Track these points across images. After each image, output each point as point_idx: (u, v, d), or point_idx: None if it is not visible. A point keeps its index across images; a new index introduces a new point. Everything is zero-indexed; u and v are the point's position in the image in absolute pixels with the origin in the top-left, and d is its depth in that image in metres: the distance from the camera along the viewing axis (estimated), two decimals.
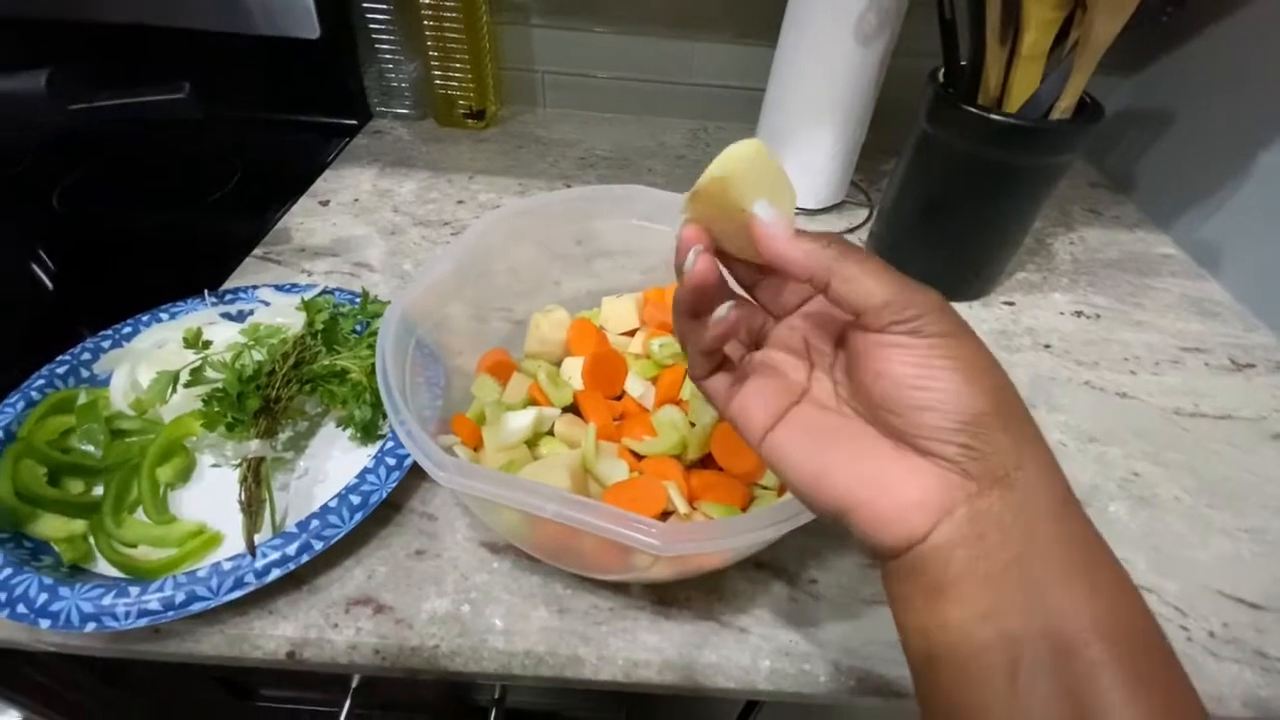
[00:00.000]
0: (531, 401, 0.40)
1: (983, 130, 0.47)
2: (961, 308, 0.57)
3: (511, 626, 0.34)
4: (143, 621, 0.31)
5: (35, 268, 0.49)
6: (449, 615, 0.34)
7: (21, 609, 0.31)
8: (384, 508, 0.37)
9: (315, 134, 0.74)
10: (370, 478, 0.37)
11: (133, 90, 0.40)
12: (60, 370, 0.41)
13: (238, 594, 0.32)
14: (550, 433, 0.39)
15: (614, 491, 0.35)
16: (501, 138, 0.76)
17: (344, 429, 0.41)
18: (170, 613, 0.31)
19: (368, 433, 0.40)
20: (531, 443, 0.39)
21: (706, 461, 0.39)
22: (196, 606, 0.31)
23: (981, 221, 0.53)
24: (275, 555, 0.33)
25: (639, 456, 0.38)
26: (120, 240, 0.58)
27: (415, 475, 0.39)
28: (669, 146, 0.78)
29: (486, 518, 0.36)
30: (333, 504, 0.35)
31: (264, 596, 0.34)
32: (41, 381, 0.40)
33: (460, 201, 0.65)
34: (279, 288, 0.48)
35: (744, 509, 0.36)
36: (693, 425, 0.38)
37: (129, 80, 0.40)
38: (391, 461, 0.38)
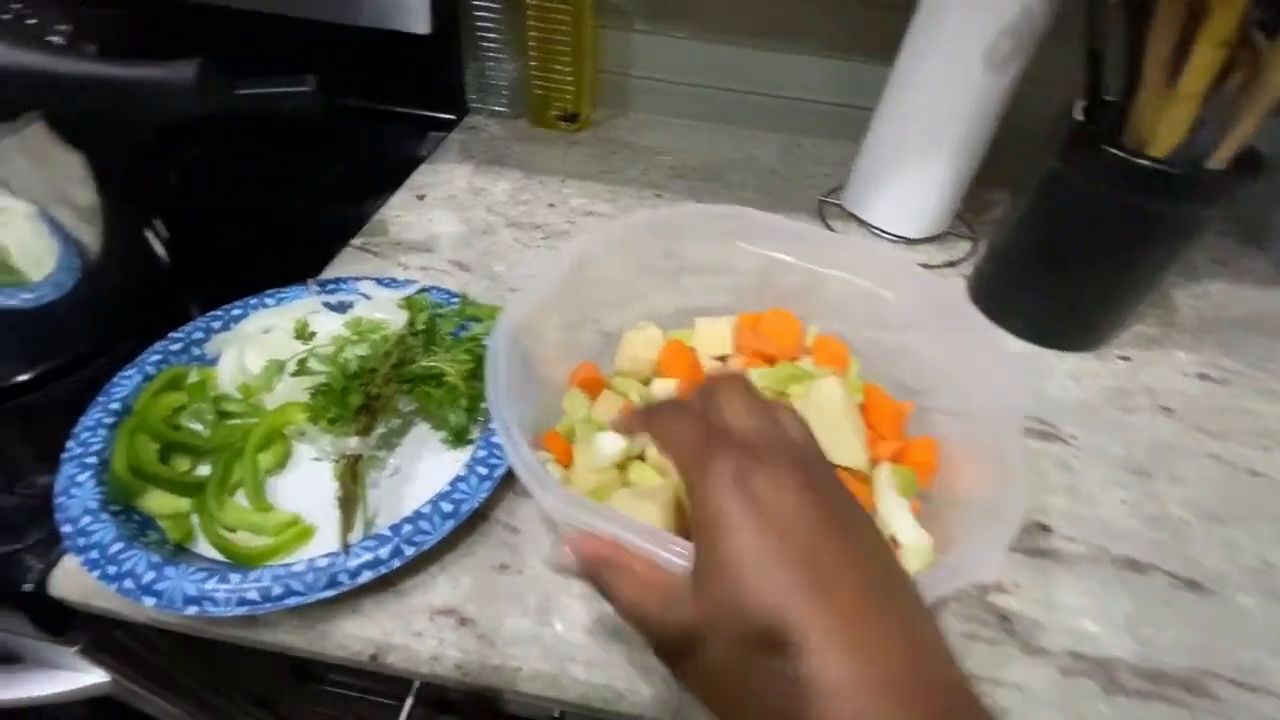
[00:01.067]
0: None
1: (1127, 174, 0.44)
2: (1070, 359, 0.54)
3: (593, 658, 0.33)
4: (240, 610, 0.31)
5: (152, 240, 0.51)
6: (531, 637, 0.33)
7: (129, 584, 0.31)
8: (470, 516, 0.37)
9: (414, 127, 0.75)
10: (462, 486, 0.36)
11: (264, 81, 0.41)
12: (174, 347, 0.43)
13: (330, 593, 0.32)
14: (640, 457, 0.38)
15: None
16: (593, 142, 0.76)
17: (437, 431, 0.41)
18: (267, 604, 0.31)
19: (459, 438, 0.40)
20: (621, 465, 0.38)
21: None
22: (291, 601, 0.32)
23: (1110, 271, 0.49)
24: (368, 556, 0.33)
25: None
26: (227, 220, 0.60)
27: (502, 485, 0.39)
28: (760, 160, 0.76)
29: None
30: (425, 509, 0.35)
31: (352, 594, 0.34)
32: (157, 357, 0.42)
33: (551, 205, 0.65)
34: (379, 281, 0.49)
35: None
36: None
37: (241, 68, 0.40)
38: (483, 471, 0.37)
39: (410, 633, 0.33)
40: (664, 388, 0.42)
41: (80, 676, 0.40)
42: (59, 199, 0.43)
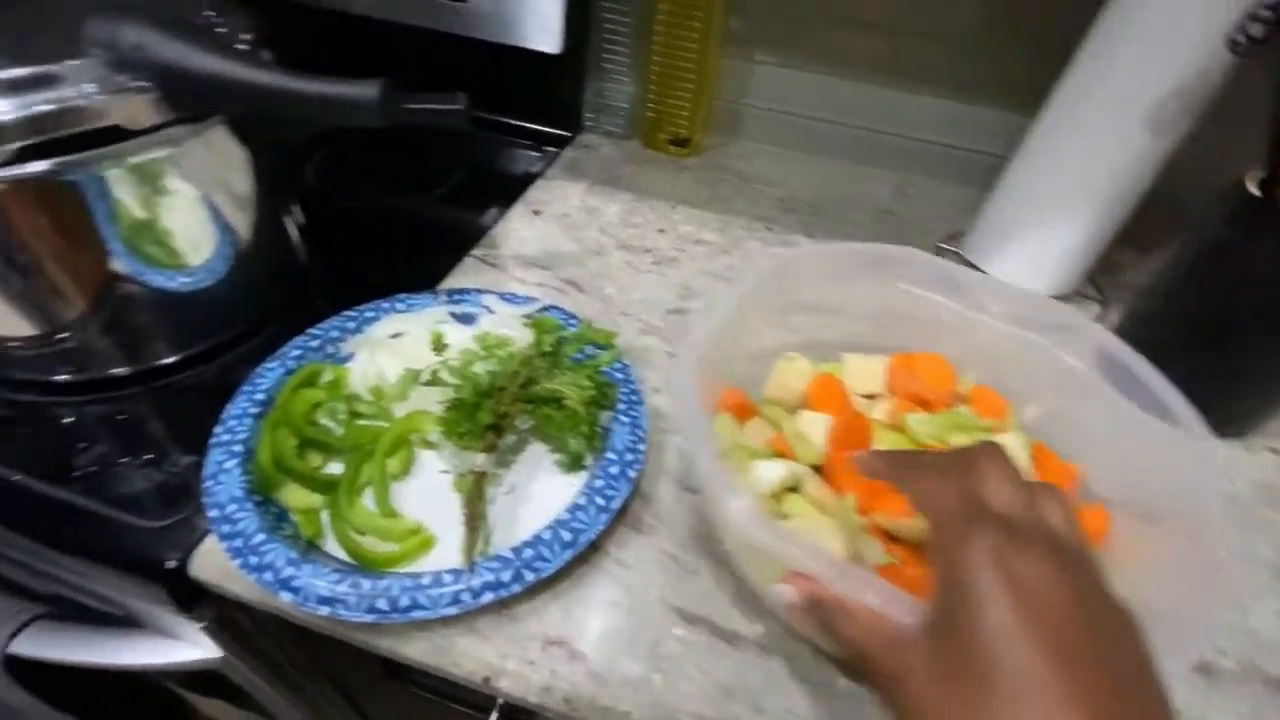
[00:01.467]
0: (776, 453, 0.38)
1: None
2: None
3: (703, 712, 0.32)
4: (369, 617, 0.32)
5: (292, 233, 0.53)
6: (641, 681, 0.33)
7: (269, 577, 0.33)
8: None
9: (530, 141, 0.76)
10: (581, 515, 0.36)
11: (422, 97, 0.43)
12: (312, 344, 0.44)
13: (453, 610, 0.32)
14: (794, 489, 0.37)
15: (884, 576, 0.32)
16: (702, 168, 0.76)
17: (551, 453, 0.41)
18: (394, 614, 0.32)
19: (575, 464, 0.40)
20: (777, 495, 0.37)
21: None
22: (416, 614, 0.32)
23: (1276, 354, 0.45)
24: (490, 578, 0.33)
25: (890, 536, 0.35)
26: (355, 217, 0.63)
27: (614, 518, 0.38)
28: (872, 198, 0.74)
29: (744, 564, 0.34)
30: (545, 536, 0.35)
31: (469, 613, 0.34)
32: (297, 352, 0.44)
33: (661, 230, 0.65)
34: (503, 296, 0.49)
35: None
36: None
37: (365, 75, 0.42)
38: (601, 502, 0.37)
39: (524, 660, 0.33)
40: (812, 420, 0.40)
41: (196, 650, 0.42)
42: (221, 186, 0.45)
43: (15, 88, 0.34)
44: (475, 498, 0.36)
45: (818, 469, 0.39)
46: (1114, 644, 0.21)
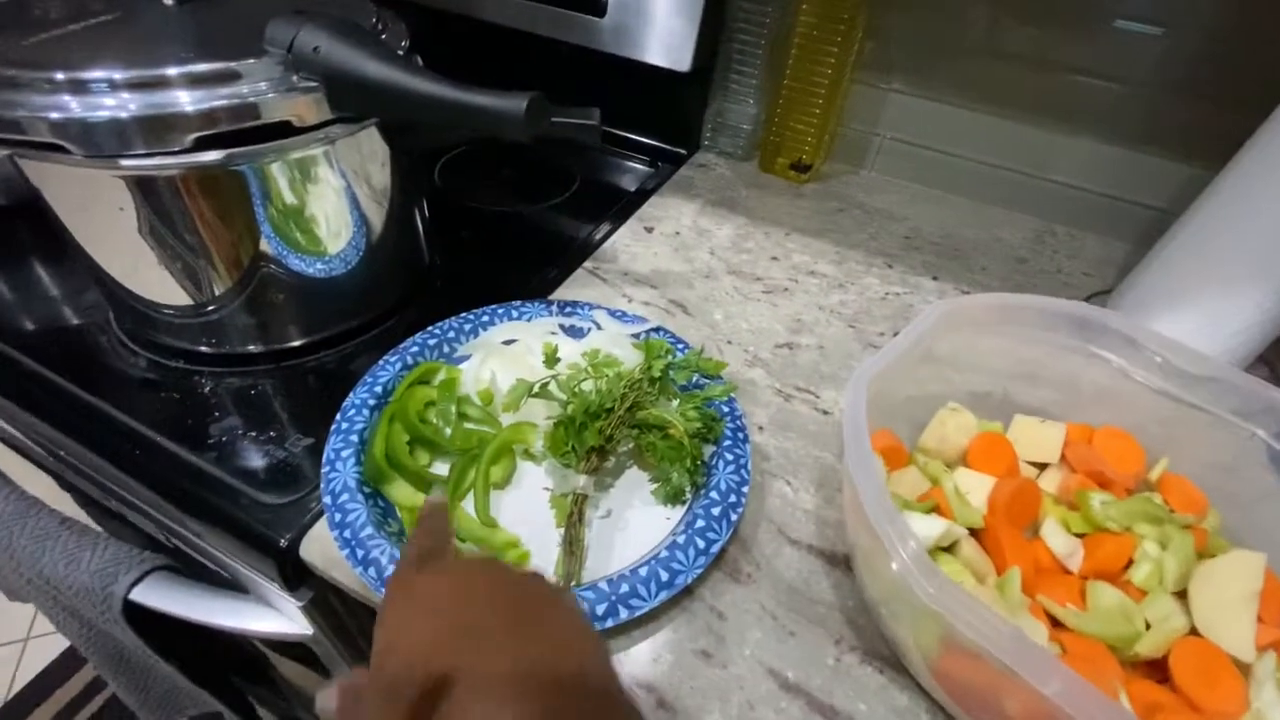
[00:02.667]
0: (934, 508, 0.36)
1: None
2: None
3: None
4: None
5: (419, 233, 0.55)
6: None
7: (373, 573, 0.33)
8: None
9: (647, 156, 0.76)
10: (680, 556, 0.35)
11: (561, 111, 0.43)
12: (430, 342, 0.46)
13: None
14: (949, 549, 0.35)
15: None
16: (821, 195, 0.73)
17: (653, 484, 0.40)
18: None
19: (676, 497, 0.39)
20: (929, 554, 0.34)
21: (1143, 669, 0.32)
22: None
23: None
24: (584, 608, 0.32)
25: (1054, 623, 0.32)
26: (477, 223, 0.65)
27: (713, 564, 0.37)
28: (1006, 244, 0.68)
29: (893, 621, 0.32)
30: (643, 573, 0.34)
31: None
32: (415, 349, 0.45)
33: (774, 258, 0.63)
34: (611, 312, 0.49)
35: None
36: (1147, 625, 0.32)
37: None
38: (700, 544, 0.36)
39: None
40: (974, 480, 0.38)
41: (292, 624, 0.44)
42: (364, 182, 0.47)
43: (199, 82, 0.37)
44: (575, 521, 0.35)
45: (973, 533, 0.36)
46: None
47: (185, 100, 0.37)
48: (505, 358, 0.44)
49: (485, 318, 0.48)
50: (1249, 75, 0.56)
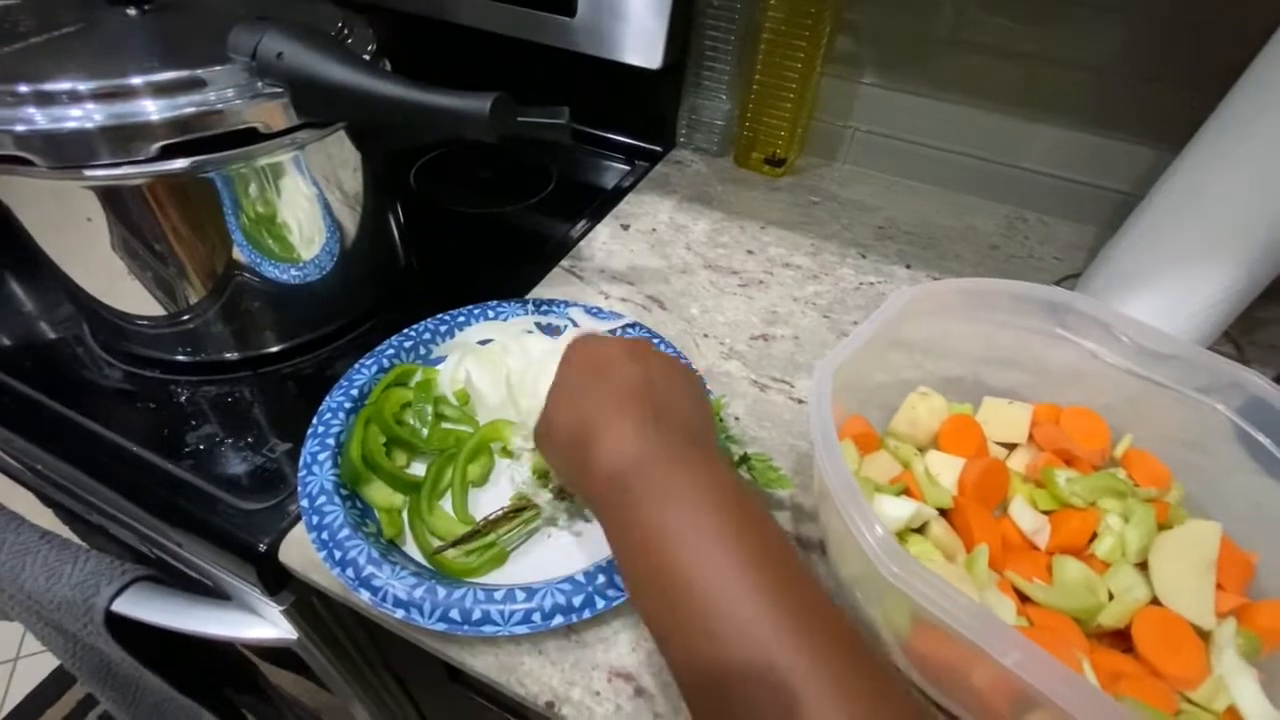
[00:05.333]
0: (904, 490, 0.37)
1: None
2: None
3: None
4: (440, 626, 0.32)
5: (395, 233, 0.55)
6: None
7: (350, 573, 0.33)
8: None
9: (622, 155, 0.77)
10: None
11: (529, 111, 0.43)
12: (406, 344, 0.46)
13: (523, 630, 0.32)
14: (920, 530, 0.36)
15: None
16: (796, 189, 0.74)
17: None
18: (465, 627, 0.32)
19: None
20: (901, 535, 0.35)
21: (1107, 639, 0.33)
22: (487, 630, 0.32)
23: None
24: (561, 600, 0.33)
25: (1022, 598, 0.33)
26: (452, 224, 0.65)
27: None
28: (980, 232, 0.69)
29: (865, 602, 0.33)
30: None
31: (538, 633, 0.34)
32: (391, 351, 0.45)
33: (750, 252, 0.63)
34: (587, 309, 0.49)
35: None
36: (1111, 596, 0.33)
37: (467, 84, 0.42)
38: None
39: (589, 690, 0.32)
40: (944, 462, 0.38)
41: (276, 629, 0.44)
42: (335, 186, 0.47)
43: (164, 90, 0.37)
44: (506, 515, 0.36)
45: (943, 513, 0.36)
46: (669, 393, 0.29)
47: (150, 109, 0.37)
48: (482, 358, 0.44)
49: (461, 318, 0.48)
50: (1206, 58, 0.57)
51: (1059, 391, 0.43)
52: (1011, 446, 0.41)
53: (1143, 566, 0.34)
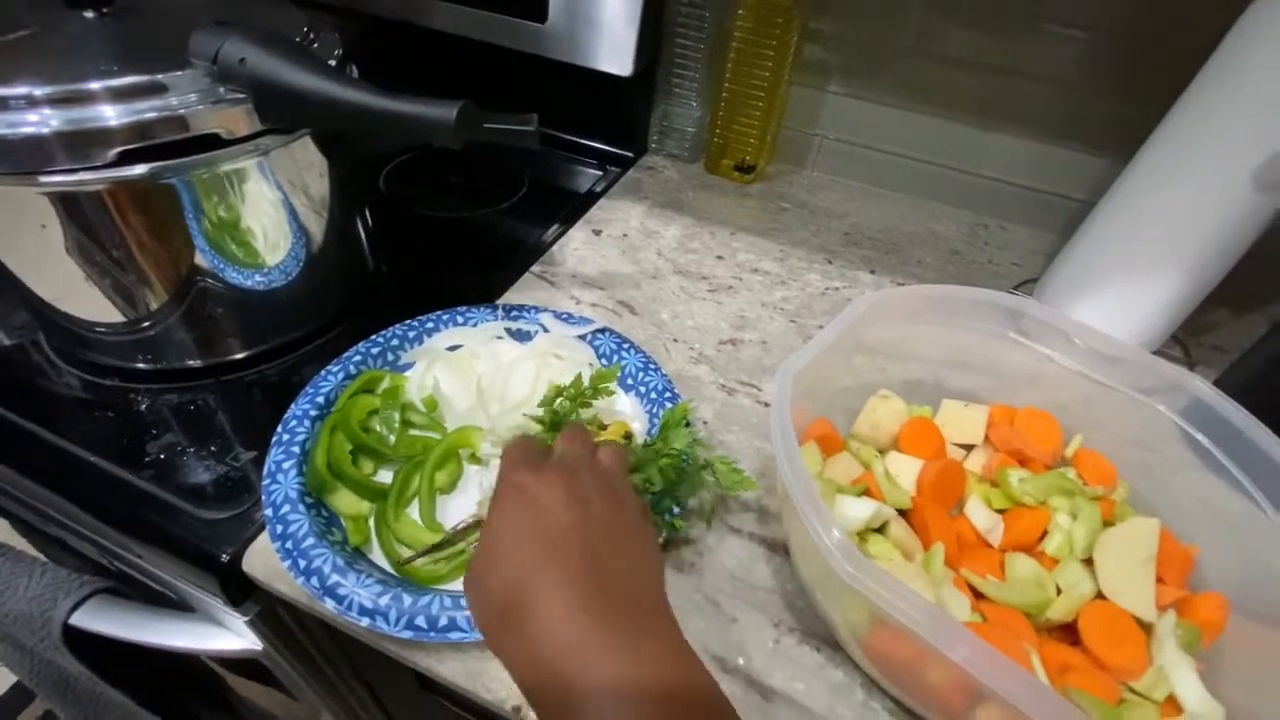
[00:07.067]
0: (865, 491, 0.37)
1: None
2: None
3: None
4: (406, 634, 0.32)
5: (363, 238, 0.55)
6: None
7: (315, 582, 0.33)
8: None
9: (595, 160, 0.77)
10: None
11: (499, 117, 0.43)
12: (374, 351, 0.46)
13: None
14: (879, 531, 0.37)
15: None
16: (765, 196, 0.75)
17: None
18: (431, 634, 0.32)
19: None
20: (861, 534, 0.36)
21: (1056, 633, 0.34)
22: (453, 636, 0.32)
23: None
24: None
25: (977, 594, 0.34)
26: (423, 229, 0.65)
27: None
28: (942, 237, 0.71)
29: (825, 602, 0.34)
30: None
31: None
32: (358, 358, 0.45)
33: (720, 257, 0.64)
34: (558, 315, 0.50)
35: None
36: (1059, 591, 0.34)
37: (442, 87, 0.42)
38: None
39: None
40: (903, 463, 0.39)
41: (240, 640, 0.43)
42: (300, 192, 0.47)
43: (123, 95, 0.37)
44: (477, 529, 0.36)
45: (903, 513, 0.37)
46: (607, 544, 0.26)
47: (108, 114, 0.36)
48: (451, 364, 0.44)
49: (430, 324, 0.48)
50: (1157, 73, 0.60)
51: (1016, 393, 0.44)
52: (969, 447, 0.42)
53: (1089, 562, 0.35)
